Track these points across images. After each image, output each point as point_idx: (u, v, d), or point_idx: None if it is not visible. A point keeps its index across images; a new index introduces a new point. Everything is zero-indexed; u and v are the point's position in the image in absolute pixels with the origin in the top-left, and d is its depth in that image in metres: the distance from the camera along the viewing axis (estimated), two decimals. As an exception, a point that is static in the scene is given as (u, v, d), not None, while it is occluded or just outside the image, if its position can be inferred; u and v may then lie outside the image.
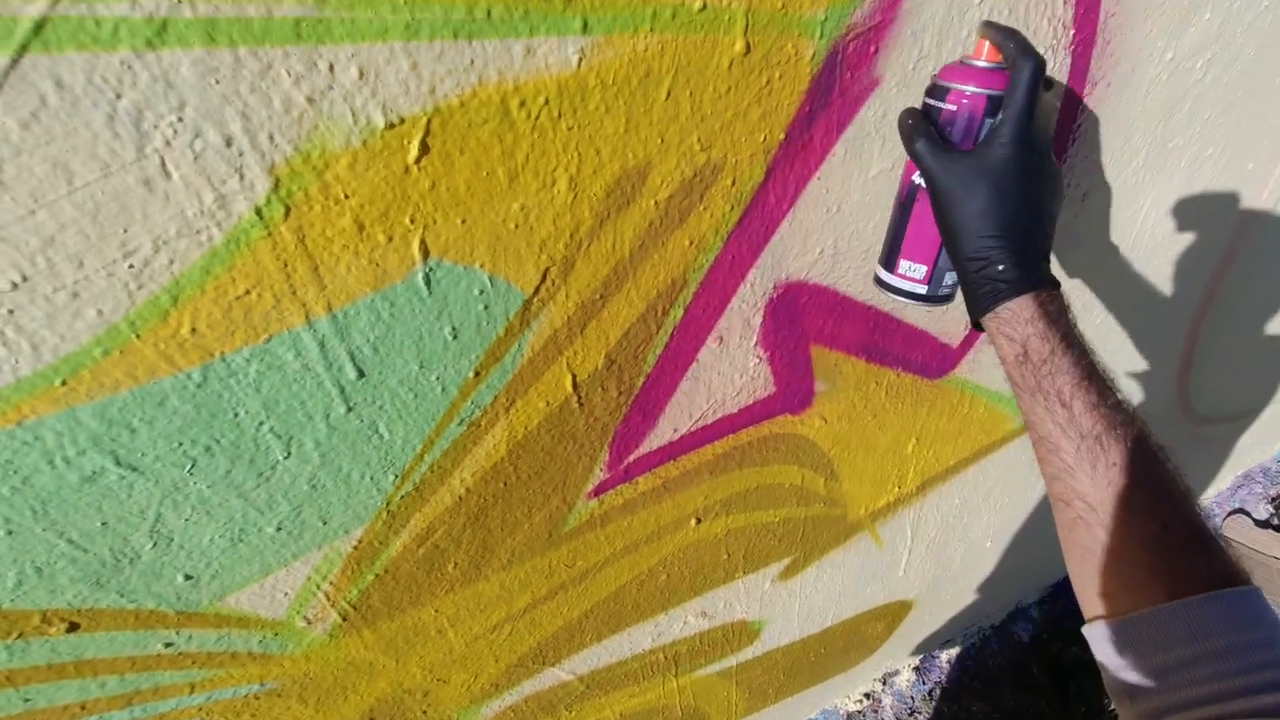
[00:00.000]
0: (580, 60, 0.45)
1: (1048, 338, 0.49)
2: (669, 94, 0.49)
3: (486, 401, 0.58)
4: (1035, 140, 0.50)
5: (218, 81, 0.36)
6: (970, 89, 0.51)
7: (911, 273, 0.58)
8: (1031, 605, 1.78)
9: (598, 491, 0.72)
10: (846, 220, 0.64)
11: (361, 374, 0.51)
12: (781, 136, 0.56)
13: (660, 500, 0.77)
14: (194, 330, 0.43)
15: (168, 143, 0.37)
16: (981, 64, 0.51)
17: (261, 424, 0.49)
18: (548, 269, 0.53)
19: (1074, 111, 0.72)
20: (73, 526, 0.48)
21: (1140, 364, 1.18)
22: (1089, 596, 0.49)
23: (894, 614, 1.32)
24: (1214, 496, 2.04)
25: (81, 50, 0.33)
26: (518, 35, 0.42)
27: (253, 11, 0.35)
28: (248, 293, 0.44)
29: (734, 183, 0.56)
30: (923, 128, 0.52)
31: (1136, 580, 0.46)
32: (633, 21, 0.45)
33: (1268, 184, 1.02)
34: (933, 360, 0.85)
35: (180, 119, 0.37)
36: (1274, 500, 2.07)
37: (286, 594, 0.60)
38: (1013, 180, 0.49)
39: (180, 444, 0.47)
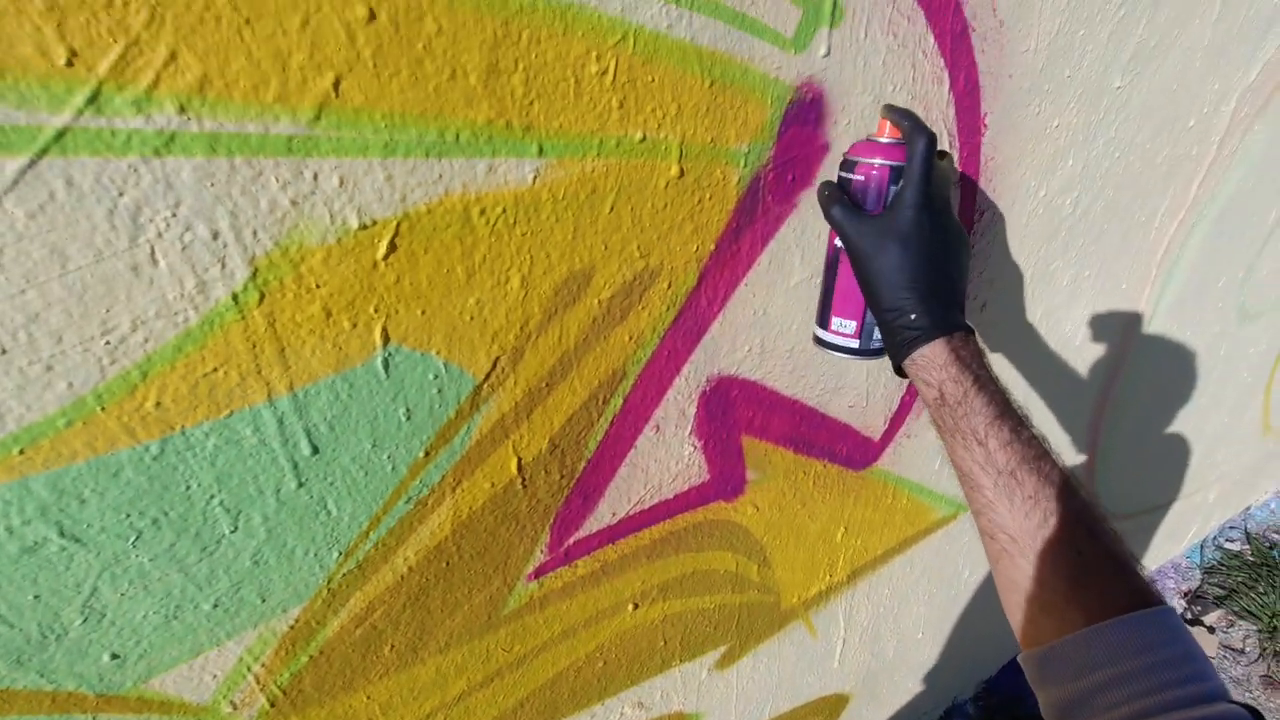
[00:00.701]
0: (535, 178, 0.52)
1: (961, 381, 0.53)
2: (612, 208, 0.56)
3: (434, 480, 0.61)
4: (934, 202, 0.56)
5: (213, 184, 0.41)
6: (876, 161, 0.58)
7: (843, 329, 0.63)
8: (967, 701, 1.80)
9: (538, 574, 0.73)
10: (772, 322, 0.72)
11: (316, 450, 0.54)
12: (712, 247, 0.63)
13: (598, 584, 0.79)
14: (158, 404, 0.46)
15: (160, 234, 0.41)
16: (884, 140, 0.58)
17: (212, 497, 0.51)
18: (498, 357, 0.58)
19: (968, 233, 0.83)
20: (2, 599, 0.47)
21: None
22: (1018, 626, 0.52)
23: (830, 708, 1.32)
24: (1132, 592, 2.13)
25: (95, 155, 0.38)
26: (482, 155, 0.49)
27: (252, 129, 0.41)
28: (215, 370, 0.47)
29: (670, 286, 0.63)
30: (837, 196, 0.59)
31: (1056, 608, 0.48)
32: (582, 148, 0.52)
33: (1140, 300, 1.16)
34: (856, 452, 0.92)
35: (174, 214, 0.41)
36: (1186, 595, 2.18)
37: (215, 676, 0.59)
38: (917, 237, 0.55)
39: (128, 515, 0.48)
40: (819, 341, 0.66)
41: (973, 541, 1.28)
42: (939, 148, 0.59)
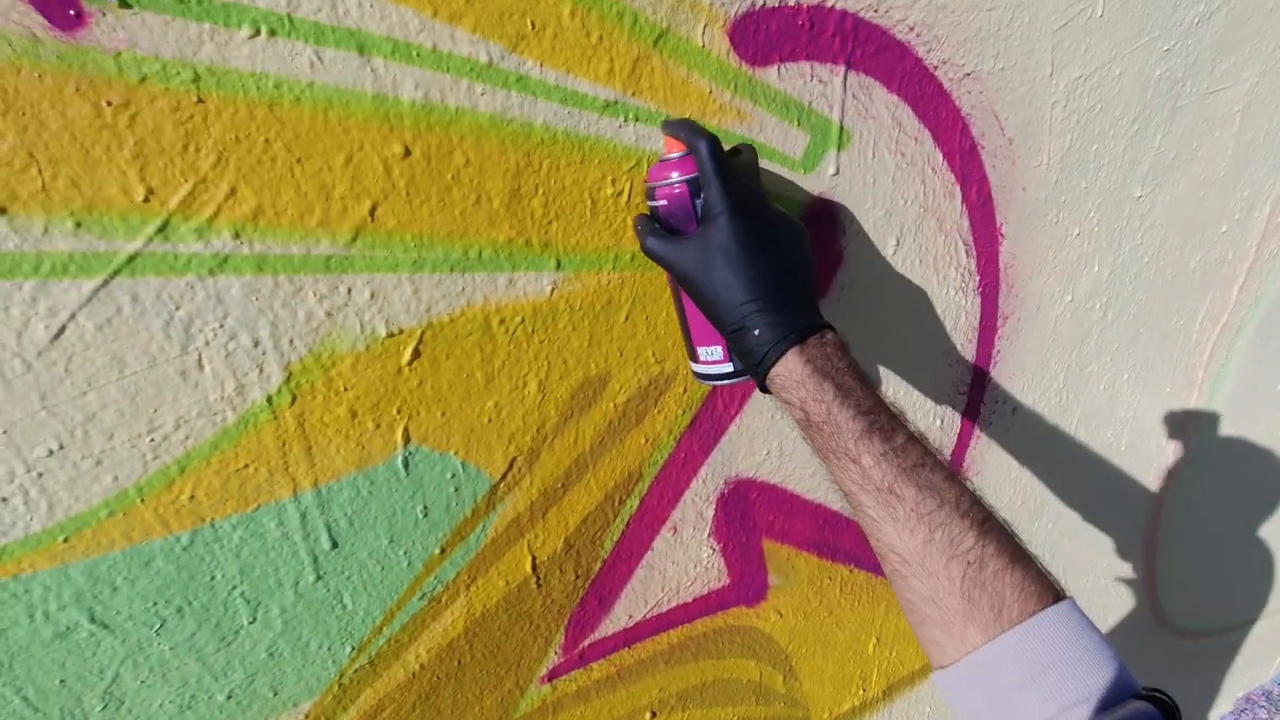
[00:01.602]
0: (553, 290, 0.55)
1: (820, 396, 0.48)
2: (628, 317, 0.59)
3: (449, 577, 0.62)
4: (743, 200, 0.50)
5: (257, 299, 0.46)
6: (673, 178, 0.52)
7: (711, 356, 0.58)
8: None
9: (551, 676, 0.72)
10: (790, 425, 0.72)
11: (335, 545, 0.56)
12: (727, 353, 0.65)
13: (614, 689, 0.77)
14: (193, 497, 0.49)
15: (207, 343, 0.45)
16: (673, 156, 0.53)
17: (234, 588, 0.53)
18: (515, 458, 0.60)
19: (992, 339, 0.83)
20: (31, 683, 0.50)
21: (1103, 572, 1.20)
22: (924, 647, 0.48)
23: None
24: (1216, 722, 1.93)
25: (158, 275, 0.42)
26: (502, 270, 0.53)
27: (295, 250, 0.46)
28: (246, 466, 0.50)
29: (685, 390, 0.65)
30: (648, 227, 0.54)
31: (954, 627, 0.45)
32: (598, 262, 0.56)
33: (1188, 404, 1.12)
34: (885, 558, 0.89)
35: (222, 325, 0.45)
36: (1281, 730, 1.95)
37: (223, 771, 0.59)
38: (736, 244, 0.49)
39: (155, 603, 0.51)
40: (696, 375, 0.61)
41: (1023, 658, 1.19)
42: (736, 145, 0.55)
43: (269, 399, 0.49)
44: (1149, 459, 1.12)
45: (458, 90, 0.47)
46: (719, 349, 0.57)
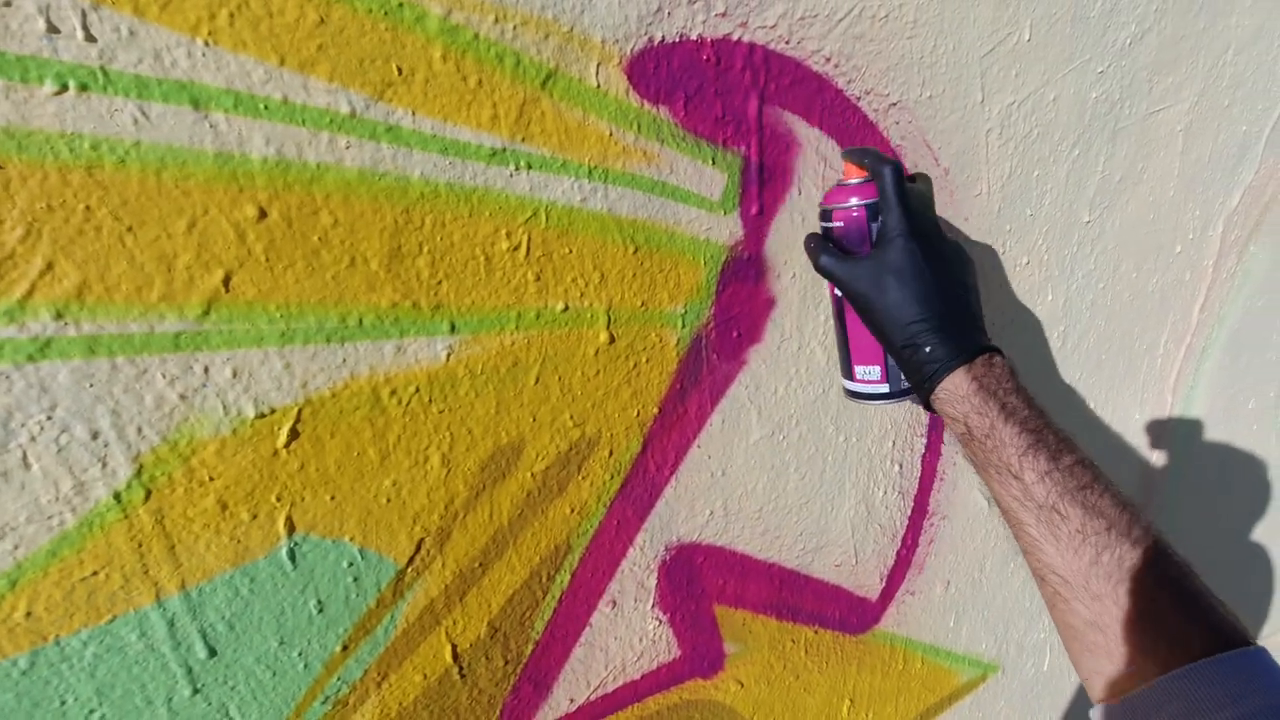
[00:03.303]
0: (449, 355, 0.50)
1: (985, 411, 0.49)
2: (538, 379, 0.54)
3: (355, 677, 0.55)
4: (919, 227, 0.53)
5: (92, 385, 0.40)
6: (852, 203, 0.56)
7: (868, 375, 0.60)
8: None
9: (486, 775, 0.65)
10: (734, 482, 0.67)
11: (213, 653, 0.49)
12: (655, 411, 0.60)
13: (560, 784, 0.70)
14: (29, 614, 0.43)
15: (33, 439, 0.40)
16: (853, 181, 0.56)
17: (92, 712, 0.47)
18: (422, 539, 0.54)
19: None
20: None
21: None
22: (1084, 676, 0.45)
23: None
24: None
25: (-39, 366, 0.37)
26: (388, 337, 0.48)
27: (135, 328, 0.40)
28: (95, 574, 0.44)
29: (611, 453, 0.59)
30: (823, 246, 0.56)
31: (1121, 656, 0.42)
32: (498, 322, 0.51)
33: (1160, 433, 1.08)
34: (851, 615, 0.83)
35: (49, 418, 0.40)
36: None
37: None
38: (911, 266, 0.52)
39: (-9, 740, 0.44)
40: (849, 394, 0.63)
41: (1015, 711, 1.13)
42: (910, 172, 0.57)
43: (116, 496, 0.43)
44: (1124, 486, 1.08)
45: (317, 144, 0.42)
46: (877, 369, 0.59)
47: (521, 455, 0.55)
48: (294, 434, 0.47)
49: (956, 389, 0.50)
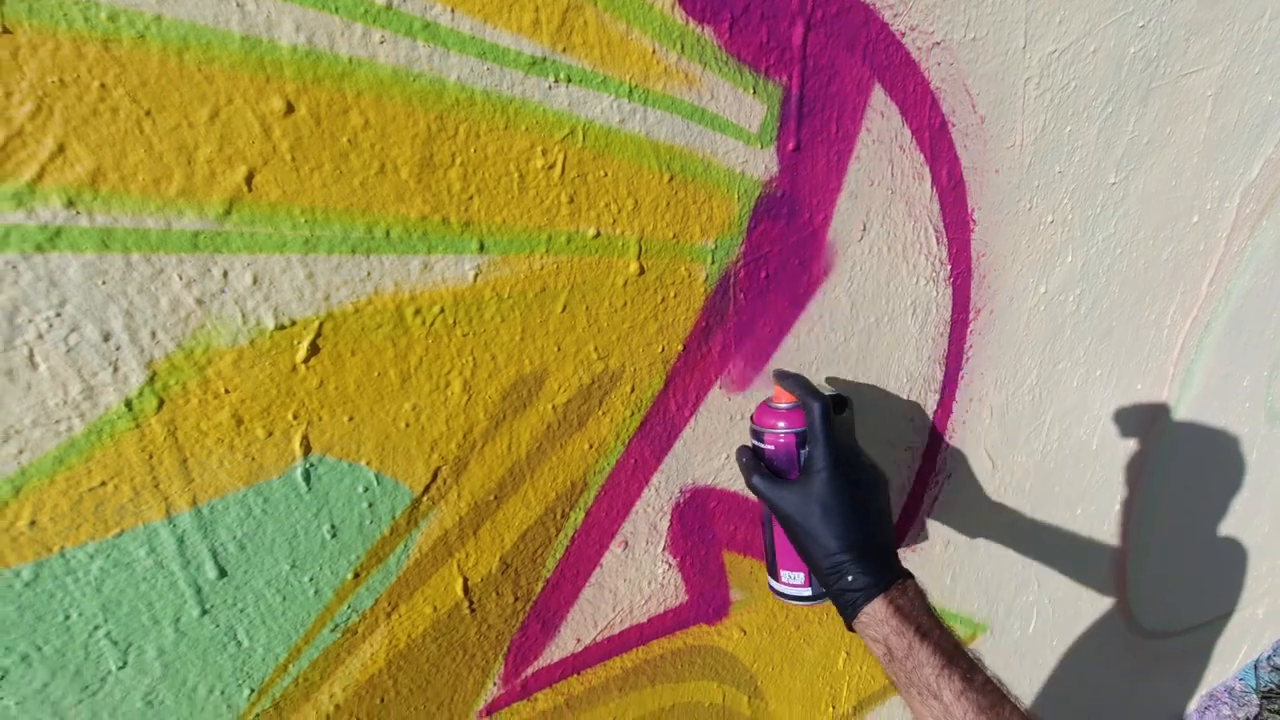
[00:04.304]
0: (476, 275, 0.48)
1: (903, 633, 0.52)
2: (565, 307, 0.52)
3: (366, 605, 0.54)
4: (844, 458, 0.57)
5: (104, 282, 0.38)
6: (781, 428, 0.60)
7: (793, 580, 0.64)
8: None
9: (490, 710, 0.65)
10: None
11: (223, 573, 0.48)
12: (680, 348, 0.59)
13: (562, 722, 0.70)
14: (33, 523, 0.41)
15: (40, 336, 0.37)
16: (782, 406, 0.60)
17: (97, 628, 0.45)
18: (439, 468, 0.52)
19: (964, 334, 0.78)
20: None
21: (1074, 575, 1.17)
22: None
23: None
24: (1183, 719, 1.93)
25: (-34, 251, 0.34)
26: (415, 253, 0.45)
27: (151, 224, 0.38)
28: (103, 484, 0.42)
29: (633, 390, 0.58)
30: (755, 466, 0.60)
31: None
32: (529, 244, 0.49)
33: (1159, 404, 1.09)
34: (854, 568, 0.83)
35: (58, 314, 0.37)
36: (1245, 725, 1.96)
37: (95, 840, 0.50)
38: (836, 500, 0.56)
39: (-7, 651, 0.42)
40: (774, 591, 0.67)
41: (999, 668, 1.15)
42: (837, 395, 0.63)
43: (128, 403, 0.41)
44: (1120, 459, 1.09)
45: (350, 36, 0.39)
46: (801, 575, 0.63)
47: (544, 386, 0.54)
48: (314, 349, 0.45)
49: (876, 614, 0.54)
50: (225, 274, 0.41)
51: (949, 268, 0.73)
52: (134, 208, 0.37)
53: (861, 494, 0.58)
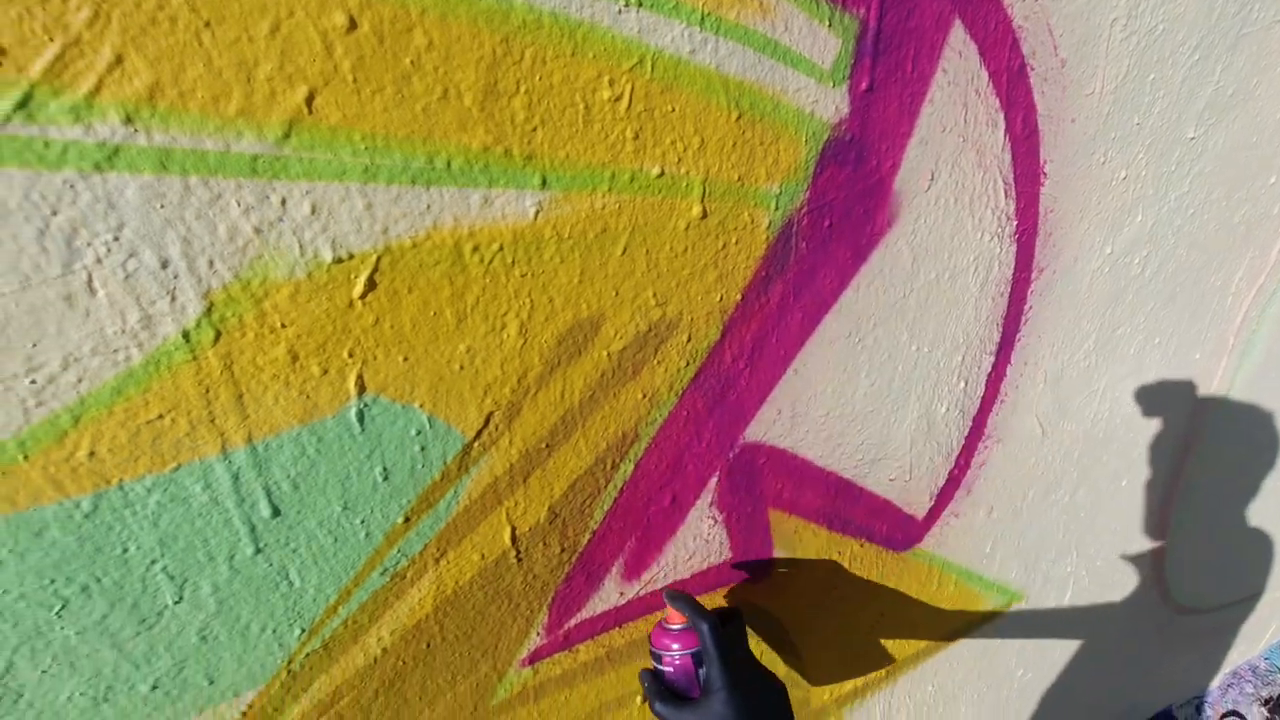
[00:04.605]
0: (537, 213, 0.46)
1: None
2: (625, 250, 0.50)
3: (415, 550, 0.54)
4: (741, 676, 0.59)
5: (163, 206, 0.36)
6: (676, 650, 0.61)
7: None
8: (1021, 816, 1.60)
9: (533, 659, 0.65)
10: (805, 383, 0.64)
11: (277, 512, 0.47)
12: (738, 298, 0.57)
13: (603, 672, 0.70)
14: (92, 454, 0.40)
15: (99, 260, 0.36)
16: (675, 628, 0.62)
17: (154, 562, 0.45)
18: (491, 413, 0.51)
19: (1024, 294, 0.75)
20: (-93, 673, 0.41)
21: (1114, 548, 1.15)
22: None
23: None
24: (1205, 696, 1.92)
25: (24, 167, 0.33)
26: (476, 186, 0.43)
27: (210, 145, 0.36)
28: (160, 417, 0.41)
29: (690, 339, 0.56)
30: (655, 690, 0.62)
31: None
32: (591, 181, 0.47)
33: (1215, 375, 1.05)
34: (897, 532, 0.82)
35: (116, 239, 0.36)
36: (1267, 703, 1.95)
37: (152, 769, 0.51)
38: (737, 717, 0.58)
39: (53, 581, 0.42)
40: None
41: (1030, 636, 1.14)
42: (724, 610, 0.66)
43: (185, 335, 0.40)
44: (1171, 431, 1.06)
45: (417, -55, 0.37)
46: None
47: (599, 332, 0.52)
48: (371, 284, 0.43)
49: None
50: (283, 201, 0.39)
51: (1015, 223, 0.69)
52: (192, 127, 0.35)
53: (762, 711, 0.60)
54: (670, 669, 0.62)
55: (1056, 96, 0.64)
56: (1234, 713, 1.89)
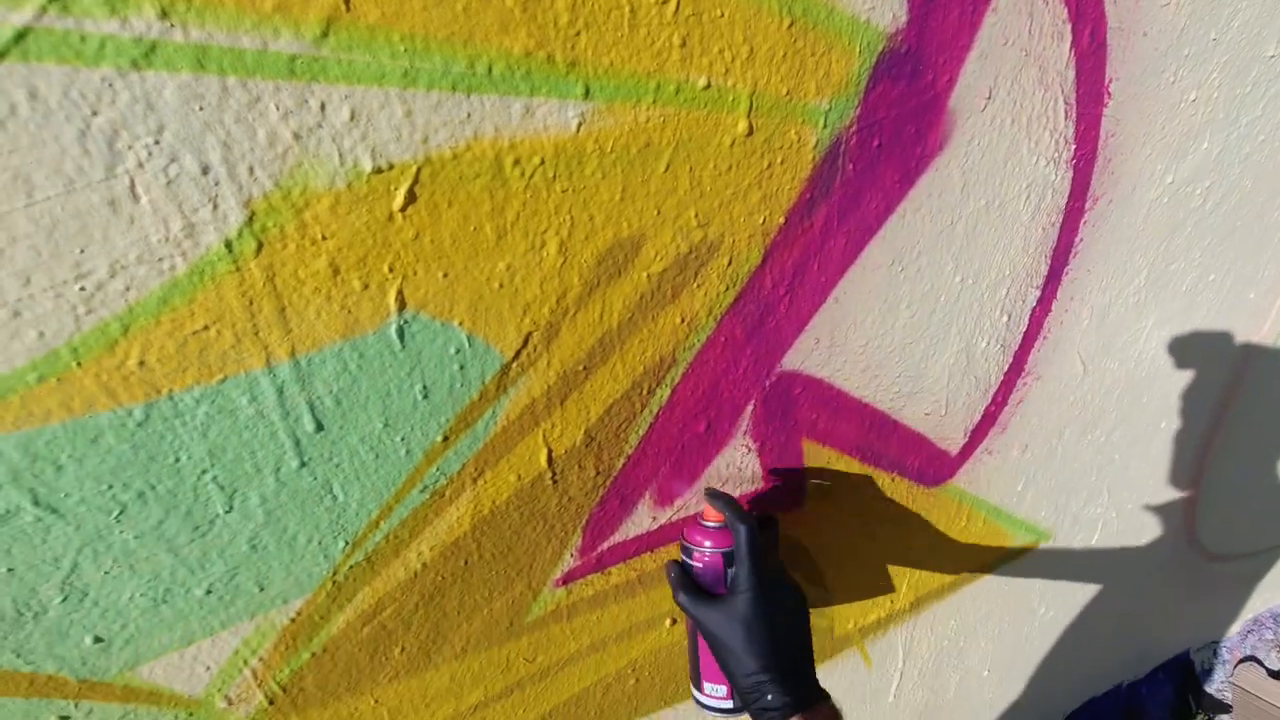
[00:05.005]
0: (580, 125, 0.44)
1: None
2: (668, 167, 0.48)
3: (453, 469, 0.54)
4: (769, 580, 0.60)
5: (202, 108, 0.35)
6: (708, 546, 0.62)
7: (715, 693, 0.66)
8: (1031, 747, 1.64)
9: (566, 579, 0.66)
10: (845, 312, 0.63)
11: (320, 427, 0.48)
12: (781, 221, 0.55)
13: (634, 595, 0.72)
14: (142, 363, 0.40)
15: (140, 165, 0.35)
16: (711, 525, 0.63)
17: (204, 472, 0.46)
18: (530, 333, 0.51)
19: (1077, 224, 0.72)
20: (-23, 570, 0.43)
21: (1146, 491, 1.13)
22: None
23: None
24: (1224, 641, 1.93)
25: (62, 63, 0.32)
26: (518, 94, 0.42)
27: (247, 43, 0.35)
28: (206, 328, 0.41)
29: (730, 263, 0.55)
30: (682, 582, 0.63)
31: None
32: (635, 92, 0.45)
33: (1269, 316, 1.01)
34: (929, 467, 0.82)
35: (157, 142, 0.35)
36: (1287, 649, 1.96)
37: (208, 668, 0.54)
38: (759, 621, 0.59)
39: (110, 487, 0.43)
40: (696, 701, 0.69)
41: (1054, 576, 1.15)
42: (763, 516, 0.65)
43: (228, 244, 0.39)
44: (1216, 373, 1.03)
45: None
46: (724, 689, 0.65)
47: (640, 252, 0.51)
48: (411, 197, 0.42)
49: None
50: (322, 106, 0.38)
51: (1073, 148, 0.66)
52: (229, 23, 0.34)
53: (784, 617, 0.60)
54: (700, 564, 0.63)
55: (1129, 7, 0.60)
56: (1251, 658, 1.90)
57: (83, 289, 0.37)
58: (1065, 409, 0.88)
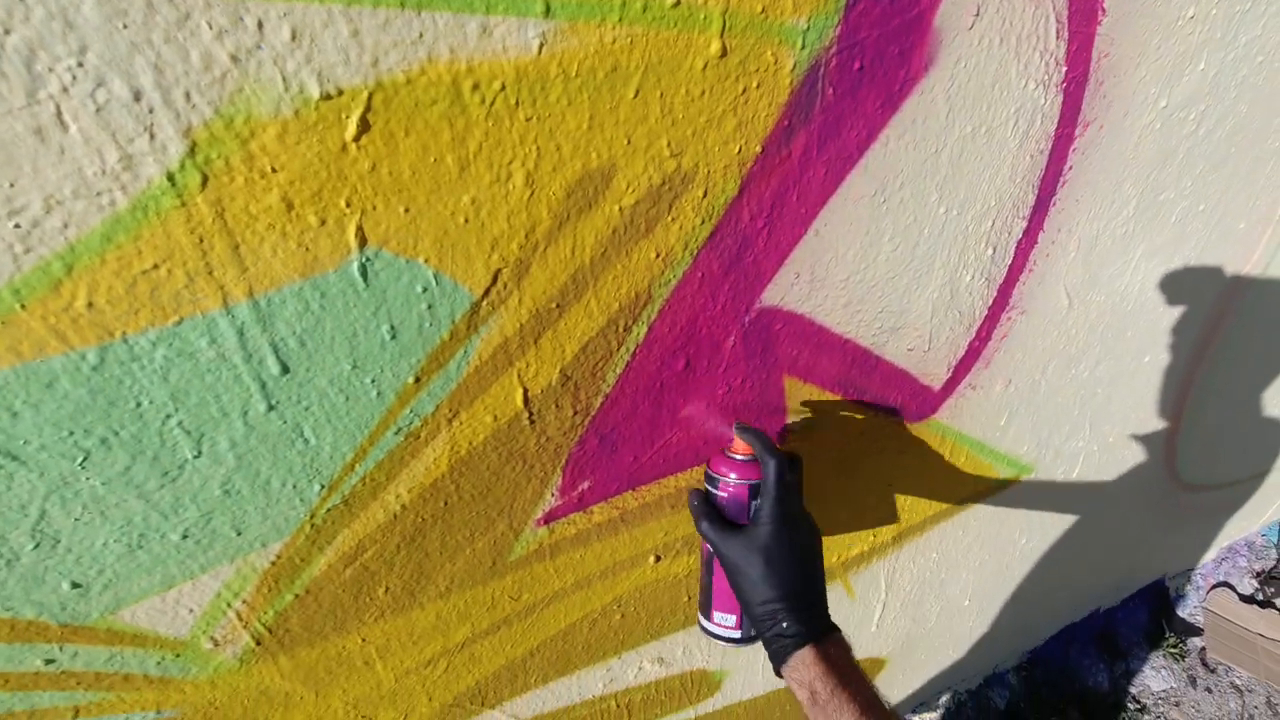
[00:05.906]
0: (541, 46, 0.42)
1: (828, 679, 0.56)
2: (638, 92, 0.46)
3: (427, 411, 0.54)
4: (791, 513, 0.62)
5: (125, 26, 0.33)
6: (734, 478, 0.64)
7: (724, 622, 0.67)
8: (1009, 671, 1.71)
9: (548, 519, 0.67)
10: (826, 245, 0.61)
11: (286, 369, 0.47)
12: (758, 149, 0.53)
13: (616, 533, 0.72)
14: (90, 305, 0.39)
15: (65, 89, 0.33)
16: (739, 458, 0.64)
17: (168, 417, 0.45)
18: (499, 270, 0.49)
19: (1066, 152, 0.70)
20: (-56, 519, 0.43)
21: (1128, 424, 1.14)
22: None
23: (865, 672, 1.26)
24: (1198, 568, 1.99)
25: (-35, -25, 0.30)
26: (473, 11, 0.39)
27: (171, -47, 0.32)
28: (156, 268, 0.39)
29: (705, 194, 0.53)
30: (704, 510, 0.64)
31: None
32: (600, 9, 0.42)
33: (1258, 247, 1.00)
34: (912, 402, 0.82)
35: (80, 64, 0.33)
36: (1259, 575, 2.02)
37: (192, 610, 0.54)
38: (780, 551, 0.60)
39: (71, 433, 0.42)
40: (702, 629, 0.70)
41: (1033, 507, 1.17)
42: (790, 455, 0.64)
43: (170, 177, 0.37)
44: (1202, 305, 1.02)
45: None
46: (733, 618, 0.67)
47: (611, 184, 0.49)
48: (364, 125, 0.40)
49: (804, 660, 0.58)
50: (259, 24, 0.35)
51: (1064, 70, 0.63)
52: (149, -71, 0.31)
53: (802, 550, 0.62)
54: (725, 495, 0.64)
55: (1127, -86, 0.57)
56: (1225, 584, 1.97)
57: (17, 226, 0.35)
58: (1049, 343, 0.88)
